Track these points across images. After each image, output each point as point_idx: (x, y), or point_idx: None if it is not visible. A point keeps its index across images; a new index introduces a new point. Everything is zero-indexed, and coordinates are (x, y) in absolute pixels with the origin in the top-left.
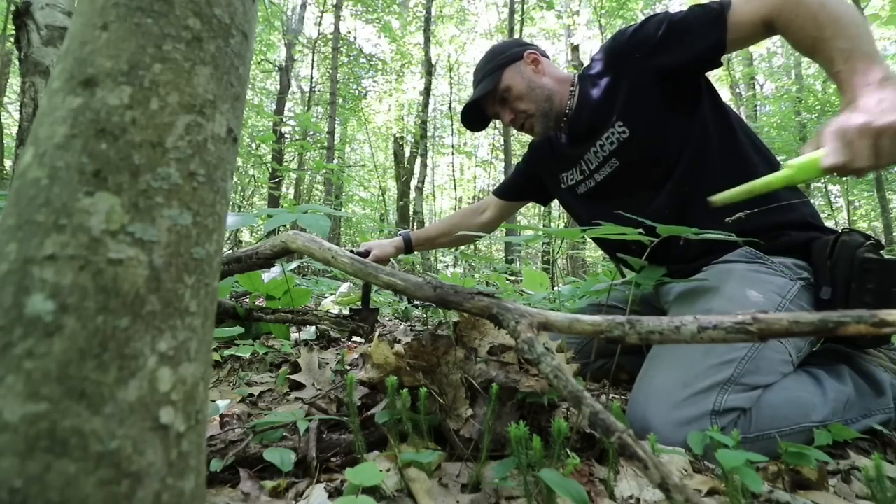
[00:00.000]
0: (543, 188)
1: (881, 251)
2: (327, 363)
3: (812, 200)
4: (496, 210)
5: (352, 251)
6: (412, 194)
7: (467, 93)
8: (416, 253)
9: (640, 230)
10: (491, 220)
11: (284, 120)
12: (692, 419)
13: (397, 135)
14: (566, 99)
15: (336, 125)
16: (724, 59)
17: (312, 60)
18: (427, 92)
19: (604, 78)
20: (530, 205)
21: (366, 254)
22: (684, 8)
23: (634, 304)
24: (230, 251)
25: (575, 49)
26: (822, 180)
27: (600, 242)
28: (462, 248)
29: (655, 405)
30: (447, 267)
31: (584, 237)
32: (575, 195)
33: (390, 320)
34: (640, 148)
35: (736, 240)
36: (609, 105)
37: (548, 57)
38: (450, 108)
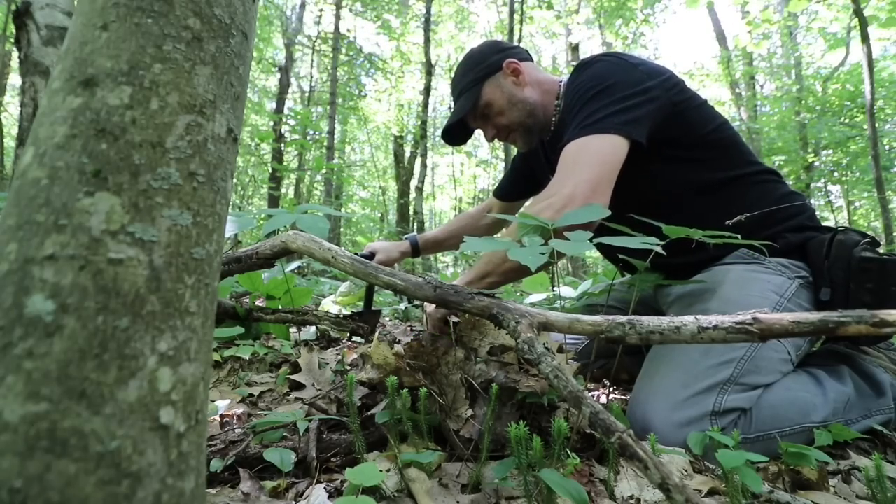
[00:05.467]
0: (540, 183)
1: (878, 248)
2: (327, 363)
3: (812, 201)
4: (500, 211)
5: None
6: (412, 194)
7: None
8: None
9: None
10: (496, 222)
11: (284, 119)
12: (692, 420)
13: (397, 135)
14: (551, 111)
15: (336, 125)
16: (724, 58)
17: (312, 60)
18: (427, 92)
19: (571, 107)
20: (529, 203)
21: (370, 256)
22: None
23: (633, 306)
24: (230, 251)
25: (575, 49)
26: (823, 180)
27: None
28: None
29: (655, 406)
30: (447, 267)
31: None
32: None
33: (390, 320)
34: None
35: (746, 243)
36: None
37: (530, 58)
38: (450, 108)
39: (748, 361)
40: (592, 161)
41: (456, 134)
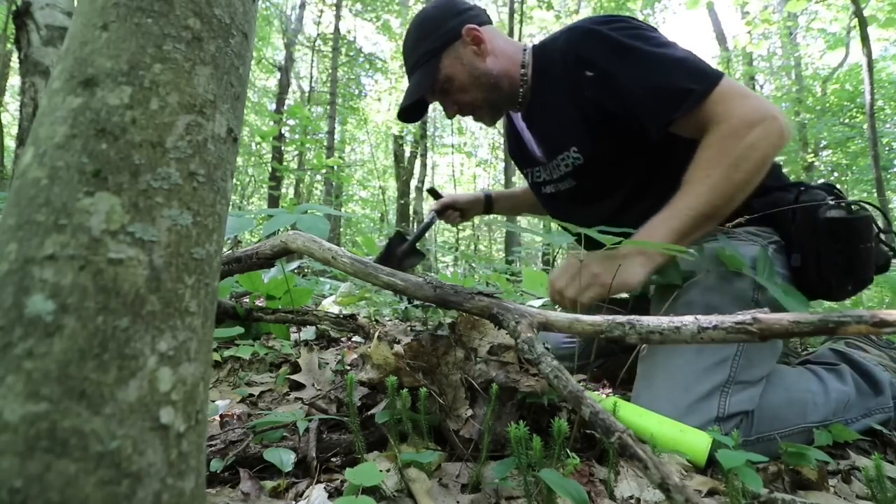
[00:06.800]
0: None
1: (845, 204)
2: (327, 363)
3: None
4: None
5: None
6: (412, 194)
7: None
8: None
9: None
10: None
11: (285, 119)
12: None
13: (397, 134)
14: (517, 82)
15: (336, 125)
16: (724, 58)
17: (312, 60)
18: None
19: (561, 84)
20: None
21: (444, 209)
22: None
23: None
24: (230, 251)
25: None
26: (822, 180)
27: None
28: (462, 248)
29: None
30: (447, 267)
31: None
32: (540, 192)
33: (390, 320)
34: (593, 175)
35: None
36: (565, 124)
37: (489, 21)
38: None
39: (741, 356)
40: (749, 91)
41: (412, 111)
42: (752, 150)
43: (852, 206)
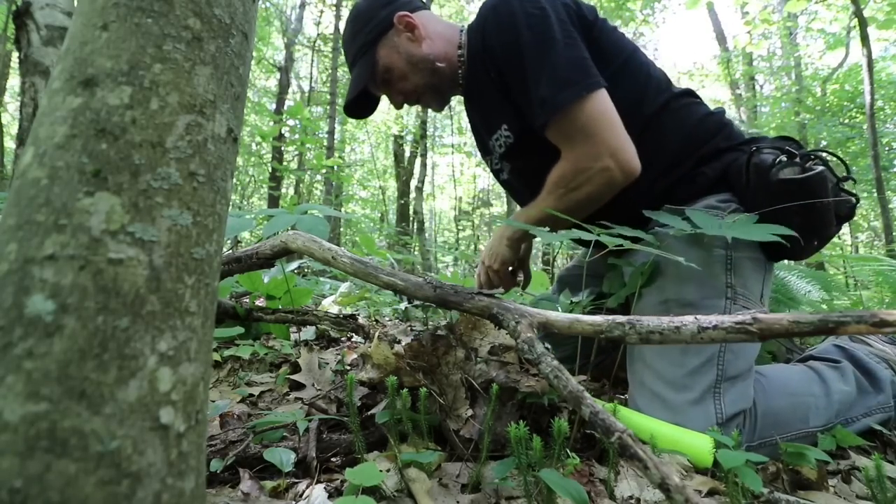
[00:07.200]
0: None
1: (798, 158)
2: (327, 363)
3: None
4: None
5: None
6: (412, 194)
7: None
8: (415, 253)
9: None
10: None
11: (285, 119)
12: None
13: (397, 134)
14: (456, 64)
15: (336, 125)
16: (724, 58)
17: (312, 60)
18: None
19: (482, 63)
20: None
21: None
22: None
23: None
24: (230, 251)
25: None
26: None
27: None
28: (462, 247)
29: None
30: (447, 267)
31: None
32: (500, 180)
33: (390, 320)
34: (523, 155)
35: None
36: (493, 102)
37: (424, 6)
38: (449, 107)
39: (726, 350)
40: (603, 124)
41: (360, 106)
42: (575, 194)
43: (810, 158)
